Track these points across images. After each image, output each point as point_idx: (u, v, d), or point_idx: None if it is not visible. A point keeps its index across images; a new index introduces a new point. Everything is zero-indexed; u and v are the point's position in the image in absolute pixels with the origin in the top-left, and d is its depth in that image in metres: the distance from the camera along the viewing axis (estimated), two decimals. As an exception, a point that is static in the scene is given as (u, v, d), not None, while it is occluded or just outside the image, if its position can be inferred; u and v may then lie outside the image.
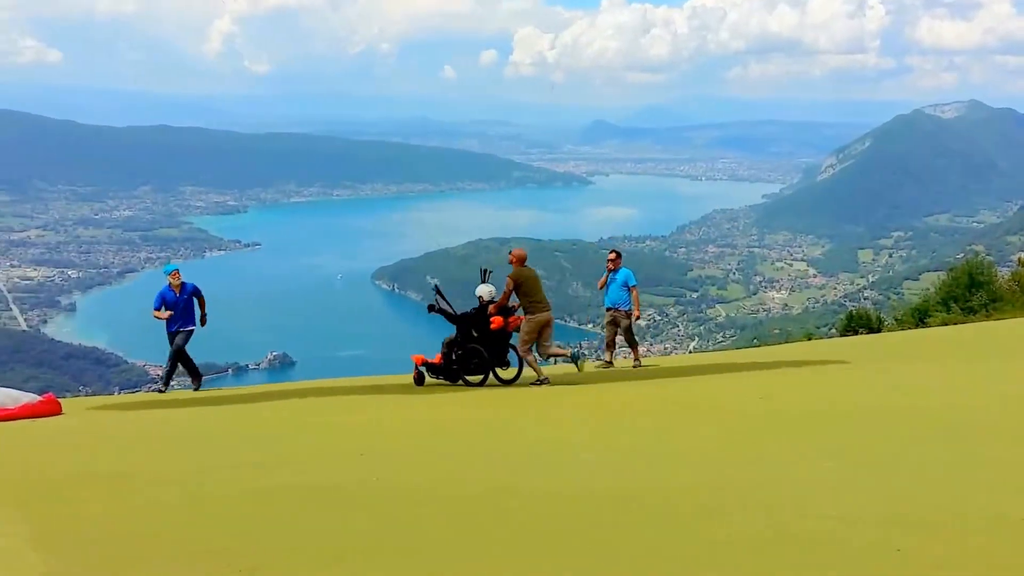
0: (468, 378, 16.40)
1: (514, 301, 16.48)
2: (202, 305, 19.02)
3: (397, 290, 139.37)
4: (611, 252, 19.41)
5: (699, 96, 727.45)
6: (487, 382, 16.52)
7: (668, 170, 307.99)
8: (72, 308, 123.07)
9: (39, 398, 14.05)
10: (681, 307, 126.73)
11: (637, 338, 20.11)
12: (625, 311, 18.87)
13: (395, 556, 5.47)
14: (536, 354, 16.57)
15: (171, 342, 18.63)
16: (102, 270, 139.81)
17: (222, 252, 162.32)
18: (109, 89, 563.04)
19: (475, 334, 16.63)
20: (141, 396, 18.60)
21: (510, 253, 16.89)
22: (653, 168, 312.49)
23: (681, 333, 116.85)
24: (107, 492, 7.66)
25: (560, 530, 5.83)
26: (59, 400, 14.43)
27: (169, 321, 18.47)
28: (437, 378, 16.82)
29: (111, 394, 19.91)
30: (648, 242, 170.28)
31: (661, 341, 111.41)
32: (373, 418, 13.05)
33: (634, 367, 19.33)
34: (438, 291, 17.36)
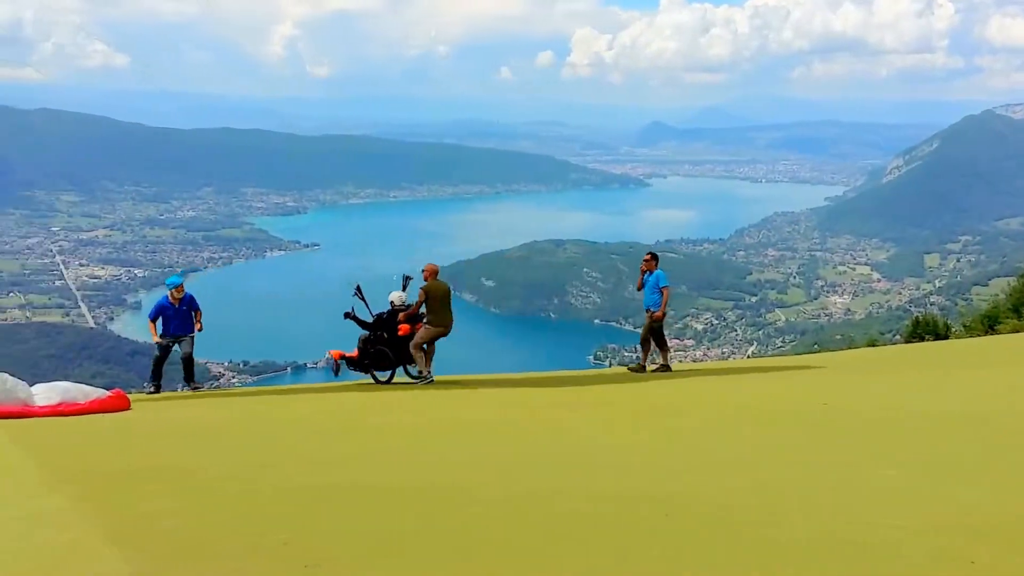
0: (377, 374, 18.77)
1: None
2: (198, 316, 19.97)
3: (452, 291, 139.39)
4: (647, 255, 19.64)
5: (760, 96, 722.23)
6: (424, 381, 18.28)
7: (727, 172, 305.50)
8: (137, 306, 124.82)
9: (108, 393, 14.28)
10: (739, 311, 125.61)
11: (668, 340, 19.91)
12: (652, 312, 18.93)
13: (450, 556, 5.49)
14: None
15: (161, 347, 19.28)
16: (167, 269, 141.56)
17: (282, 252, 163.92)
18: (174, 92, 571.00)
19: (385, 336, 18.63)
20: (202, 393, 18.80)
21: (423, 269, 18.75)
22: (712, 170, 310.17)
23: (739, 337, 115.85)
24: (175, 486, 7.76)
25: (609, 533, 5.81)
26: (127, 395, 14.66)
27: (165, 326, 19.38)
28: (354, 371, 18.91)
29: (174, 391, 20.16)
30: (706, 245, 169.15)
31: (719, 345, 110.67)
32: (428, 418, 13.10)
33: (656, 370, 19.11)
34: (359, 292, 19.28)
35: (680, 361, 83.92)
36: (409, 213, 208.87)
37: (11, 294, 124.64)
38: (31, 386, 13.73)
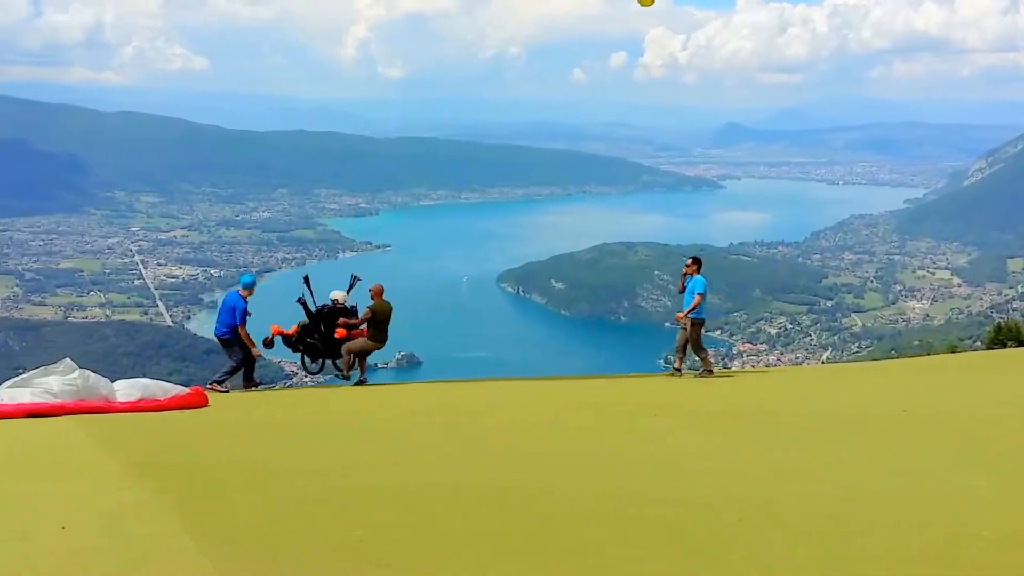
0: (307, 362, 20.36)
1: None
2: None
3: (522, 293, 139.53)
4: (689, 259, 19.66)
5: (838, 97, 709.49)
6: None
7: (803, 174, 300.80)
8: (213, 305, 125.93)
9: (187, 390, 14.54)
10: (814, 315, 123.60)
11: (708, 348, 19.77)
12: (691, 319, 18.79)
13: (528, 557, 5.52)
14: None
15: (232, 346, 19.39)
16: (242, 269, 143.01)
17: (354, 253, 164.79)
18: (251, 94, 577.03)
19: (323, 329, 19.65)
20: (278, 391, 19.05)
21: (370, 289, 19.86)
22: (787, 172, 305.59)
23: (814, 342, 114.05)
24: (253, 483, 7.90)
25: (688, 538, 5.80)
26: (205, 392, 14.91)
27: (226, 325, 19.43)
28: (287, 347, 20.16)
29: (249, 389, 20.37)
30: (781, 248, 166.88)
31: (792, 350, 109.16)
32: (503, 420, 13.14)
33: (672, 374, 19.40)
34: (306, 281, 20.47)
35: (753, 366, 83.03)
36: (480, 215, 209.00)
37: (92, 293, 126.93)
38: (112, 383, 14.02)
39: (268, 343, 20.06)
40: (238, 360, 19.21)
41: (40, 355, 72.25)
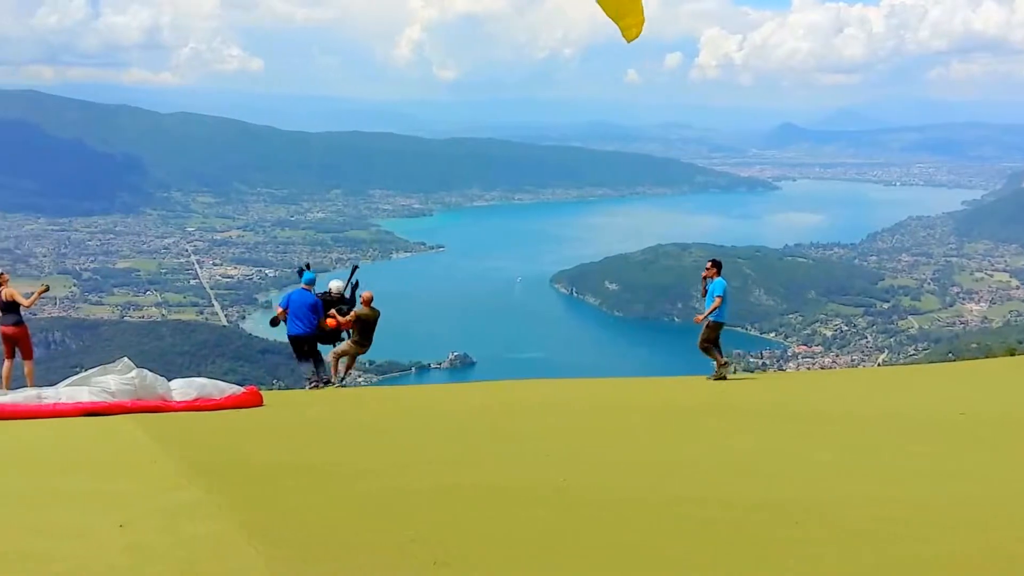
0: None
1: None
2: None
3: (575, 294, 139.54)
4: (708, 262, 19.20)
5: (895, 98, 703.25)
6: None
7: (860, 175, 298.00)
8: (268, 305, 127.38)
9: (243, 389, 14.63)
10: (870, 318, 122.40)
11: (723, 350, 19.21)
12: (709, 320, 18.60)
13: (580, 559, 5.48)
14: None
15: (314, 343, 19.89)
16: (296, 269, 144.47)
17: (408, 254, 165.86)
18: (306, 95, 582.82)
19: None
20: (331, 391, 19.14)
21: (361, 295, 20.53)
22: (844, 173, 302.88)
23: (870, 344, 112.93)
24: (310, 482, 7.92)
25: (742, 541, 5.74)
26: (260, 392, 14.99)
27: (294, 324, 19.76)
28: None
29: (303, 388, 20.63)
30: (836, 250, 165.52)
31: (848, 353, 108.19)
32: (555, 422, 13.10)
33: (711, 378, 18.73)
34: (353, 271, 21.79)
35: (808, 368, 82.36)
36: (533, 216, 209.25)
37: (148, 292, 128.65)
38: (169, 382, 14.14)
39: (274, 323, 20.76)
40: (316, 355, 19.74)
41: (97, 354, 73.33)
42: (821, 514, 6.51)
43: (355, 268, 21.71)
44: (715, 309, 18.49)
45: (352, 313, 19.99)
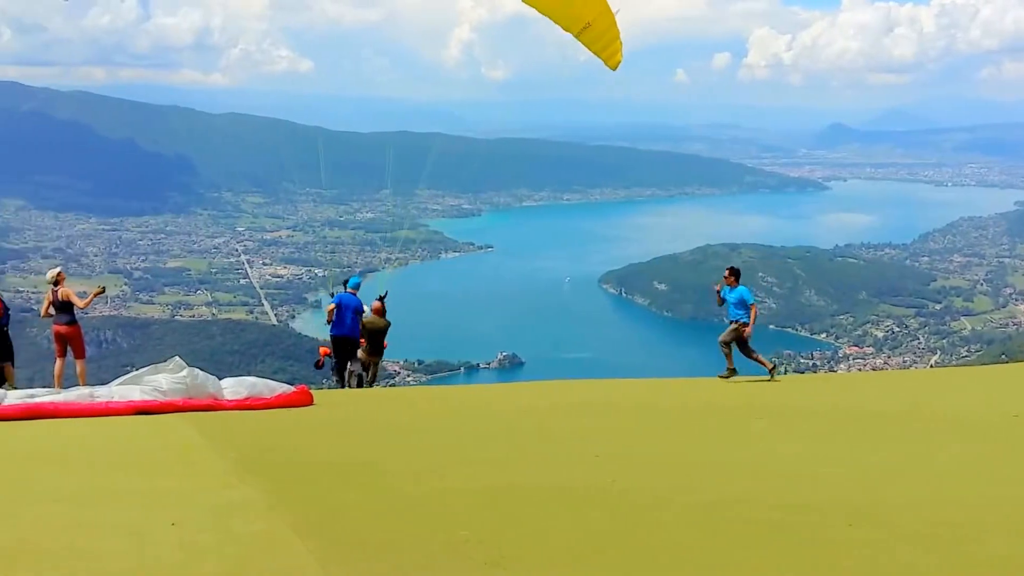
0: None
1: None
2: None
3: (624, 294, 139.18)
4: (727, 270, 20.01)
5: (946, 98, 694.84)
6: None
7: (911, 175, 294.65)
8: (317, 304, 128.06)
9: (293, 389, 14.68)
10: (922, 319, 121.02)
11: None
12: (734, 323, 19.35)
13: (634, 560, 5.43)
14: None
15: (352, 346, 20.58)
16: (345, 269, 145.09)
17: (457, 254, 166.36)
18: (355, 96, 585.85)
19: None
20: (377, 390, 19.22)
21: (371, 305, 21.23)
22: (894, 173, 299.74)
23: (921, 346, 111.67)
24: (361, 481, 7.93)
25: (796, 543, 5.67)
26: (311, 391, 15.03)
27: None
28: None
29: (349, 387, 20.81)
30: (888, 250, 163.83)
31: (900, 354, 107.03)
32: (604, 423, 13.04)
33: (721, 376, 19.32)
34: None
35: (859, 369, 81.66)
36: (582, 216, 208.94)
37: (199, 292, 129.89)
38: (220, 381, 14.23)
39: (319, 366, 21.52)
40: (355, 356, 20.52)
41: (148, 353, 74.13)
42: (874, 516, 6.43)
43: (384, 295, 22.31)
44: (753, 317, 19.23)
45: (361, 324, 20.49)
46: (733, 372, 19.40)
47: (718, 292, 19.40)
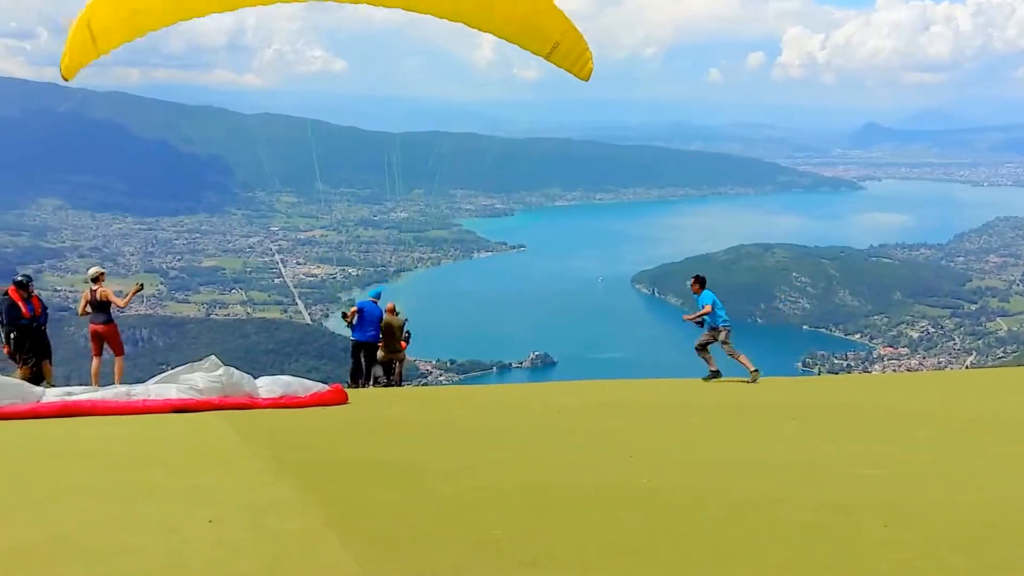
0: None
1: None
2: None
3: (657, 294, 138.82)
4: (691, 278, 21.08)
5: (982, 97, 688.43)
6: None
7: (946, 175, 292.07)
8: (351, 304, 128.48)
9: (327, 387, 14.75)
10: (958, 319, 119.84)
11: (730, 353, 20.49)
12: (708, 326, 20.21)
13: (669, 560, 5.44)
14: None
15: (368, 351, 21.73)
16: (379, 268, 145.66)
17: (489, 253, 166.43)
18: (388, 96, 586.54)
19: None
20: (410, 389, 19.30)
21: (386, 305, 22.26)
22: (929, 173, 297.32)
23: (957, 347, 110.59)
24: (396, 480, 7.96)
25: (837, 546, 5.66)
26: (345, 390, 15.10)
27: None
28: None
29: (390, 385, 21.07)
30: (923, 250, 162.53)
31: (935, 355, 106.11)
32: (637, 423, 13.03)
33: (705, 379, 20.12)
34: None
35: (894, 370, 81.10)
36: (614, 216, 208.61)
37: (233, 291, 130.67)
38: (255, 380, 14.32)
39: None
40: (373, 361, 21.55)
41: (184, 351, 74.61)
42: (911, 517, 6.40)
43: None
44: (703, 315, 20.23)
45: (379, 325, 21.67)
46: (716, 374, 20.06)
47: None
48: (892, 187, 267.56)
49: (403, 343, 22.61)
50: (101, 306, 18.15)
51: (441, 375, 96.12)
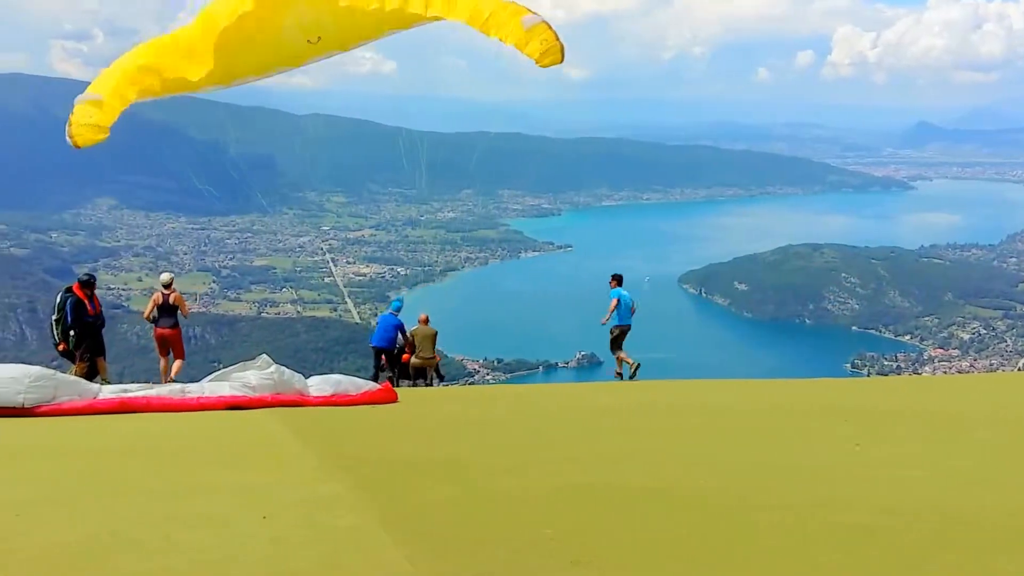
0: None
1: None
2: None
3: (704, 294, 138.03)
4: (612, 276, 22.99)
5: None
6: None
7: (999, 175, 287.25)
8: (401, 303, 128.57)
9: (378, 386, 14.91)
10: (1010, 321, 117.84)
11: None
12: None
13: (720, 562, 5.48)
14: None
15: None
16: (426, 268, 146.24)
17: (536, 253, 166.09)
18: (437, 96, 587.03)
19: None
20: (457, 388, 19.40)
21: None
22: (981, 172, 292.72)
23: (1009, 348, 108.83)
24: (447, 478, 8.04)
25: (889, 549, 5.67)
26: (395, 389, 15.24)
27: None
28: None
29: (429, 385, 21.25)
30: (974, 251, 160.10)
31: (987, 356, 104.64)
32: (685, 423, 13.03)
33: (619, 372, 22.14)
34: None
35: (944, 372, 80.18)
36: (662, 215, 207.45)
37: (284, 290, 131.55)
38: (306, 379, 14.50)
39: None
40: (392, 364, 23.22)
41: (235, 349, 75.28)
42: (964, 521, 6.39)
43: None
44: (611, 312, 22.34)
45: (410, 333, 23.63)
46: (635, 370, 22.53)
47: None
48: (943, 187, 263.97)
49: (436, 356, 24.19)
50: (170, 310, 18.72)
51: (488, 374, 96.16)
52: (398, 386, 21.45)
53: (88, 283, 18.32)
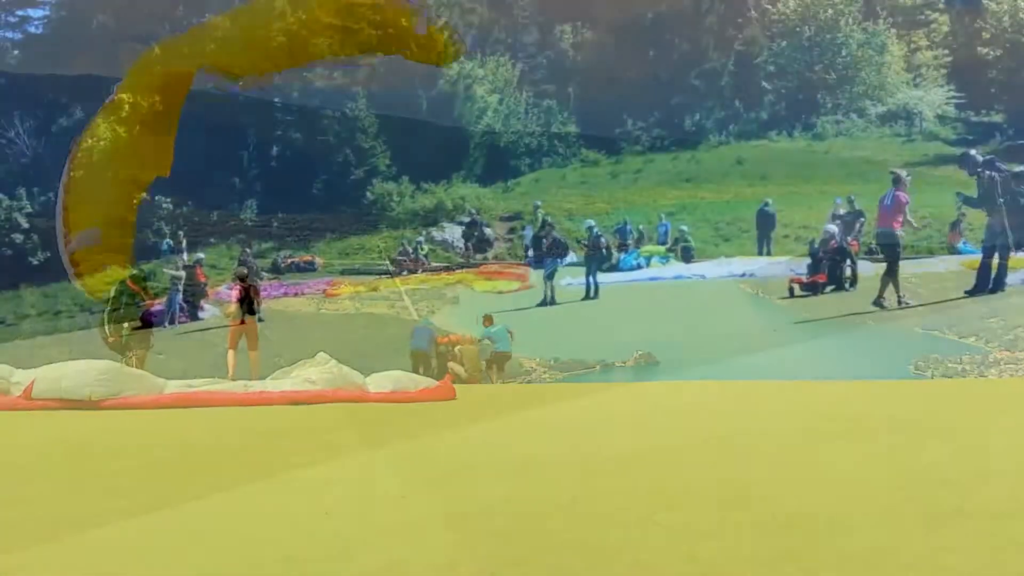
0: None
1: None
2: None
3: (761, 294, 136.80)
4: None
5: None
6: None
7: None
8: (456, 300, 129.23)
9: (436, 383, 14.90)
10: None
11: None
12: None
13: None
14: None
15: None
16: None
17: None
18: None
19: None
20: (514, 387, 19.34)
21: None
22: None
23: None
24: (508, 475, 7.93)
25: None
26: (453, 385, 15.20)
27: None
28: None
29: (488, 382, 21.20)
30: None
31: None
32: (751, 426, 12.76)
33: None
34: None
35: (1011, 375, 78.66)
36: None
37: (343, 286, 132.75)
38: (364, 377, 14.51)
39: None
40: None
41: (295, 345, 75.77)
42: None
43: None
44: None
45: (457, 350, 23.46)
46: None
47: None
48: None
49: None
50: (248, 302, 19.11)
51: (544, 372, 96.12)
52: None
53: (141, 279, 18.82)
